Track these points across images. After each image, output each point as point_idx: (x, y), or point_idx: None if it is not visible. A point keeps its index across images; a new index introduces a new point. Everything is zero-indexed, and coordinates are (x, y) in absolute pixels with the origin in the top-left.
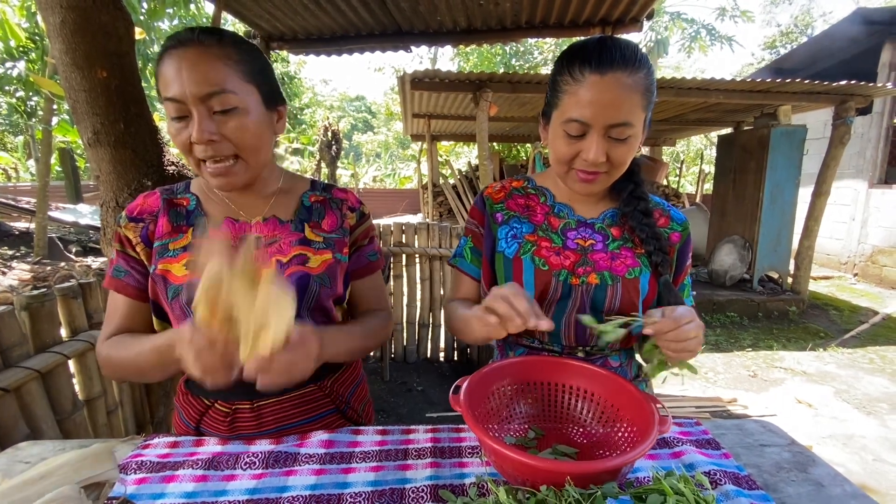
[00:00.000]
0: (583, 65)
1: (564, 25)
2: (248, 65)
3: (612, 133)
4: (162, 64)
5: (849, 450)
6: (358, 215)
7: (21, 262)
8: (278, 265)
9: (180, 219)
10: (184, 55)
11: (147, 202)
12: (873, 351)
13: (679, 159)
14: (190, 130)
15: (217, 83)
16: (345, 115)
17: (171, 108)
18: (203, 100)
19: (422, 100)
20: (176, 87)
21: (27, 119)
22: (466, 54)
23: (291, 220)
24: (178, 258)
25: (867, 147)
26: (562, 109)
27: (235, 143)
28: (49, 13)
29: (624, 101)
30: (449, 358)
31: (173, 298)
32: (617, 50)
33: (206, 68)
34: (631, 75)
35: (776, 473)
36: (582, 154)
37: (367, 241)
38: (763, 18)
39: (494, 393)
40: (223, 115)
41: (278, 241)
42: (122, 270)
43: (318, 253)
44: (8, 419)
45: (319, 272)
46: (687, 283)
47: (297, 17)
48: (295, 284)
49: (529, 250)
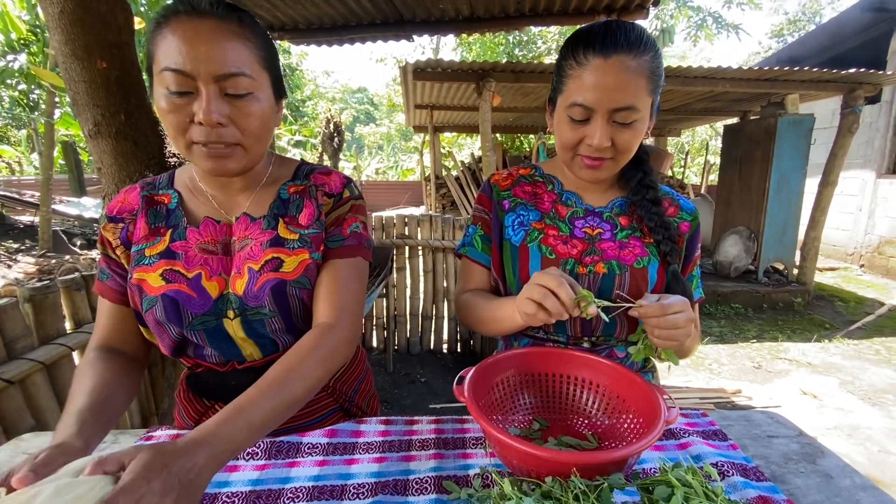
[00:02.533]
0: (587, 48)
1: (569, 13)
2: (264, 51)
3: (616, 117)
4: (163, 30)
5: (854, 441)
6: (335, 200)
7: (26, 256)
8: (250, 273)
9: (159, 219)
10: (200, 26)
11: (127, 199)
12: (879, 342)
13: (684, 150)
14: (190, 108)
15: (237, 64)
16: (347, 106)
17: (173, 81)
18: (218, 80)
19: (424, 90)
20: (185, 59)
21: (30, 112)
22: (469, 44)
23: (264, 216)
24: (153, 266)
25: (875, 136)
26: (566, 94)
27: (242, 129)
28: (48, 3)
29: (628, 84)
30: (452, 349)
31: (147, 310)
32: (621, 33)
33: (226, 46)
34: (636, 58)
35: (784, 465)
36: (586, 139)
37: (333, 227)
38: (770, 6)
39: (499, 384)
40: (235, 99)
41: (249, 244)
42: (105, 273)
43: (294, 253)
44: (13, 410)
45: (296, 276)
46: (696, 274)
47: (297, 5)
48: (270, 295)
49: (536, 238)
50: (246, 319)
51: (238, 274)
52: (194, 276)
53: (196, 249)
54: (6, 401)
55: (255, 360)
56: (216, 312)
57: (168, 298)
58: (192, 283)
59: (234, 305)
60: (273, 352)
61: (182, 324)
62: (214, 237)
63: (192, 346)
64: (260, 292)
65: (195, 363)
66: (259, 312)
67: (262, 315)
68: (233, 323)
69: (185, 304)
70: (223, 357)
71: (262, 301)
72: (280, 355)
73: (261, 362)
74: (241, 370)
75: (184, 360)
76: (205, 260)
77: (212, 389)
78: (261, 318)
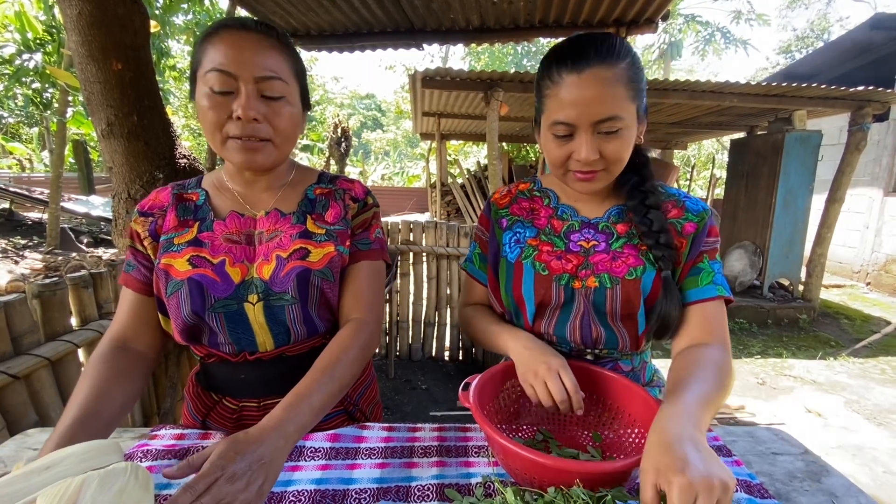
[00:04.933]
0: (559, 66)
1: (578, 25)
2: (295, 64)
3: (600, 128)
4: (213, 39)
5: (858, 461)
6: (360, 205)
7: (33, 252)
8: (278, 260)
9: (188, 213)
10: (245, 37)
11: (159, 197)
12: (885, 361)
13: (690, 163)
14: (230, 107)
15: (274, 70)
16: (355, 112)
17: (216, 81)
18: (257, 81)
19: (432, 98)
20: (230, 61)
21: (42, 110)
22: (478, 54)
23: (293, 213)
24: (181, 253)
25: (883, 154)
26: (547, 113)
27: (274, 127)
28: (66, 5)
29: (606, 95)
30: (454, 357)
31: (171, 294)
32: (591, 46)
33: (266, 54)
34: (610, 68)
35: (789, 483)
36: (574, 155)
37: (361, 230)
38: (779, 22)
39: (503, 393)
40: (270, 101)
41: (279, 235)
42: (131, 265)
43: (320, 246)
44: (18, 406)
45: (321, 266)
46: (706, 266)
47: (310, 13)
48: (295, 281)
49: (531, 255)
50: (268, 304)
51: (265, 260)
52: (219, 261)
53: (221, 239)
54: (11, 396)
55: (266, 350)
56: (237, 297)
57: (193, 282)
58: (217, 268)
59: (258, 290)
60: (283, 343)
61: (204, 306)
62: (239, 229)
63: (207, 333)
64: (286, 278)
65: (207, 353)
66: (281, 298)
67: (283, 301)
68: (254, 308)
69: (209, 288)
70: (236, 347)
71: (286, 287)
72: (289, 348)
73: (270, 354)
74: (251, 361)
75: (196, 350)
76: (229, 248)
77: (221, 383)
78: (282, 305)
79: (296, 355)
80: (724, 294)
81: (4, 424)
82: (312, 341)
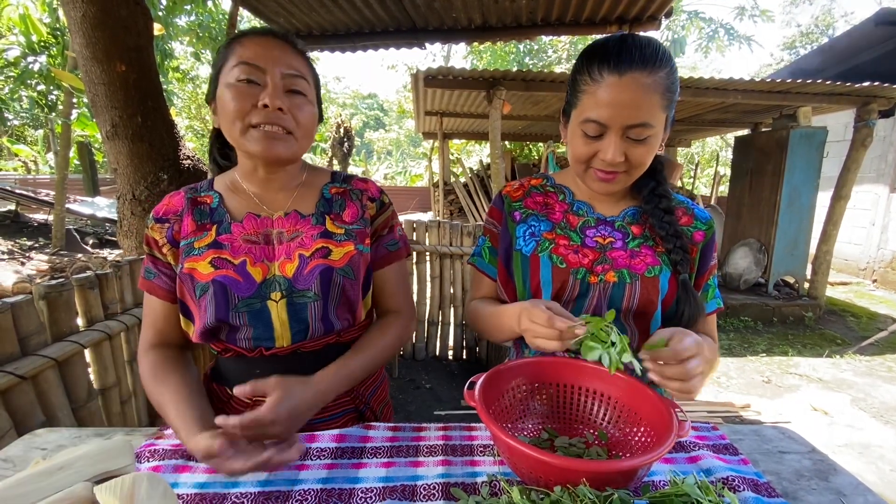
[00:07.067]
0: (601, 65)
1: (581, 23)
2: (314, 75)
3: (630, 133)
4: (241, 40)
5: (865, 459)
6: (378, 205)
7: (39, 253)
8: (301, 259)
9: (204, 217)
10: (272, 40)
11: (172, 202)
12: (892, 359)
13: (694, 161)
14: (255, 97)
15: (299, 70)
16: (357, 112)
17: (245, 71)
18: (284, 77)
19: (434, 97)
20: (258, 56)
21: (47, 113)
22: (480, 52)
23: (312, 214)
24: (203, 256)
25: (889, 150)
26: (580, 109)
27: (297, 120)
28: (71, 7)
29: (643, 101)
30: (458, 356)
31: (201, 296)
32: (636, 49)
33: (291, 56)
34: (650, 75)
35: (796, 481)
36: (600, 154)
37: (386, 231)
38: (783, 18)
39: (508, 391)
40: (294, 96)
41: (300, 236)
42: (151, 272)
43: (341, 245)
44: (25, 406)
45: (343, 265)
46: (711, 283)
47: (312, 13)
48: (319, 278)
49: (547, 248)
50: (291, 301)
51: (288, 259)
52: (240, 262)
53: (241, 240)
54: (18, 396)
55: (283, 346)
56: (261, 295)
57: (217, 283)
58: (239, 268)
59: (281, 288)
60: (300, 339)
61: (228, 306)
62: (256, 229)
63: (227, 330)
64: (309, 276)
65: (224, 348)
66: (304, 295)
67: (306, 298)
68: (277, 305)
69: (232, 288)
70: (253, 342)
71: (309, 284)
72: (304, 344)
73: (286, 350)
74: (267, 357)
75: (213, 346)
76: (248, 249)
77: (235, 378)
78: (304, 302)
79: (310, 351)
80: (720, 305)
81: (12, 424)
82: (328, 338)
